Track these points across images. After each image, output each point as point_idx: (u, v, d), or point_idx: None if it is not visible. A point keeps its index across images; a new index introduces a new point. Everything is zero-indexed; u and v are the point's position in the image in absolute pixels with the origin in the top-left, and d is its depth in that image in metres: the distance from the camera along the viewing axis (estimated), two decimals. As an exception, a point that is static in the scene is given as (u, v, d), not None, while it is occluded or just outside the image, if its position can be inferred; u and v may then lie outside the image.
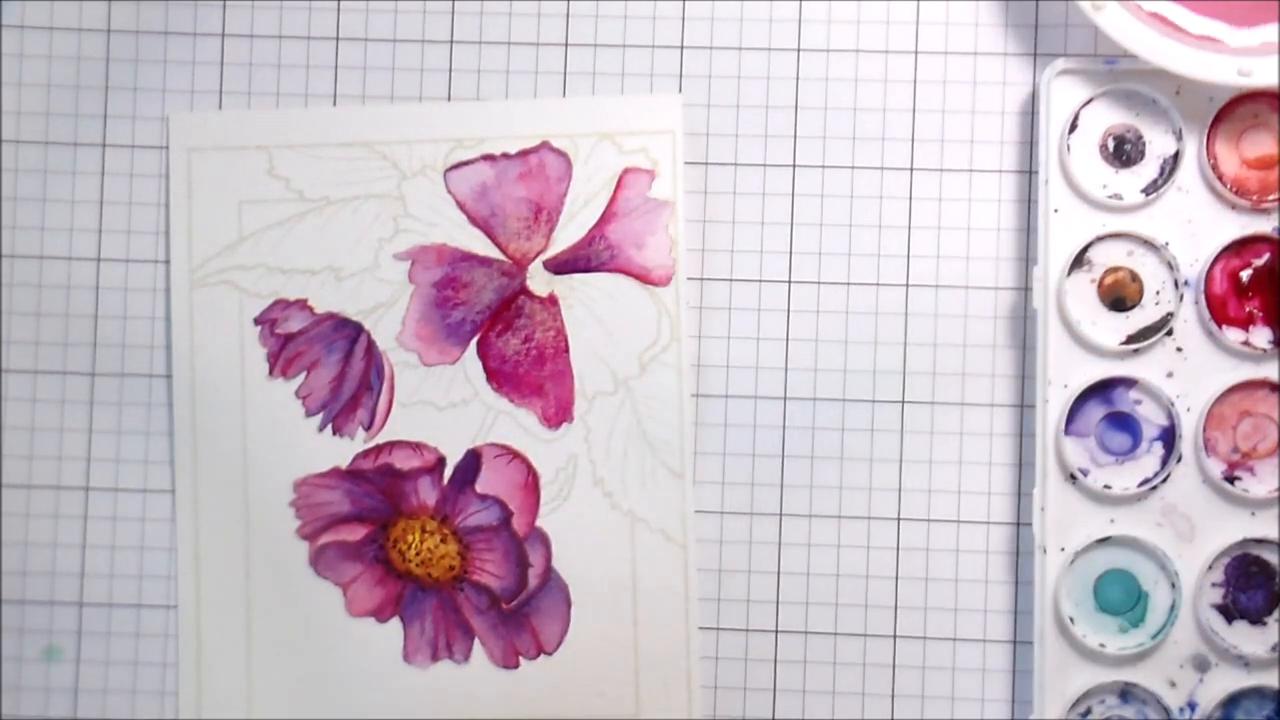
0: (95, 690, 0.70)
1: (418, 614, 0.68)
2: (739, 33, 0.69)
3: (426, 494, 0.68)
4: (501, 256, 0.68)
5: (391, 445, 0.69)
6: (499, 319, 0.68)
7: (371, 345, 0.69)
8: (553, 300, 0.68)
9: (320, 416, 0.69)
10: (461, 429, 0.69)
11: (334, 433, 0.69)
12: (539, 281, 0.68)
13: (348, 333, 0.69)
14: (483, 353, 0.68)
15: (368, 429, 0.69)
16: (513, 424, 0.68)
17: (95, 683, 0.70)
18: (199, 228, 0.69)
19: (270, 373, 0.69)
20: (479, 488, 0.68)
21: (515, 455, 0.68)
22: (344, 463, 0.69)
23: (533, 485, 0.68)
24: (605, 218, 0.68)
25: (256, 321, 0.69)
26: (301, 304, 0.69)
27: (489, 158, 0.69)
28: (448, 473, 0.69)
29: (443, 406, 0.68)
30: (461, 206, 0.68)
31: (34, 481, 0.70)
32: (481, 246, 0.68)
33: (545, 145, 0.68)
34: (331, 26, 0.70)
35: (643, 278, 0.68)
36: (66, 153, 0.70)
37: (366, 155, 0.69)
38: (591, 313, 0.68)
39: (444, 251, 0.68)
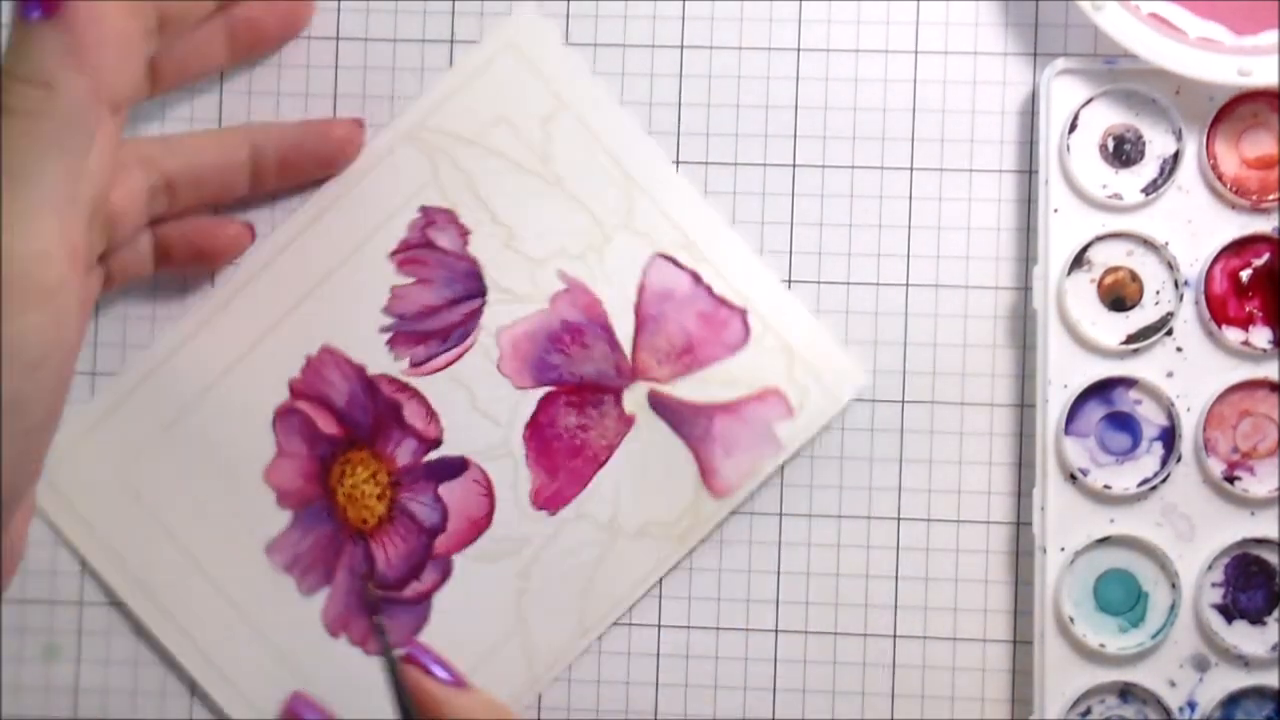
0: (95, 690, 0.70)
1: (308, 526, 0.69)
2: (739, 33, 0.69)
3: (404, 451, 0.69)
4: (628, 355, 0.68)
5: (415, 392, 0.69)
6: (581, 393, 0.68)
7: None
8: (627, 422, 0.68)
9: (397, 324, 0.69)
10: (473, 436, 0.69)
11: (390, 345, 0.69)
12: (633, 398, 0.68)
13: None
14: (544, 401, 0.68)
15: (415, 364, 0.69)
16: (512, 475, 0.68)
17: (95, 683, 0.70)
18: None
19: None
20: (442, 489, 0.69)
21: (490, 497, 0.69)
22: (373, 369, 0.69)
23: (479, 529, 0.68)
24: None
25: None
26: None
27: (696, 277, 0.68)
28: (432, 454, 0.69)
29: (480, 409, 0.68)
30: (640, 289, 0.68)
31: (34, 481, 0.70)
32: (625, 332, 0.68)
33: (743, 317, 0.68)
34: (331, 26, 0.70)
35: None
36: (66, 152, 0.70)
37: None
38: (645, 460, 0.68)
39: (595, 306, 0.69)
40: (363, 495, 0.69)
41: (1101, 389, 0.66)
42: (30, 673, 0.70)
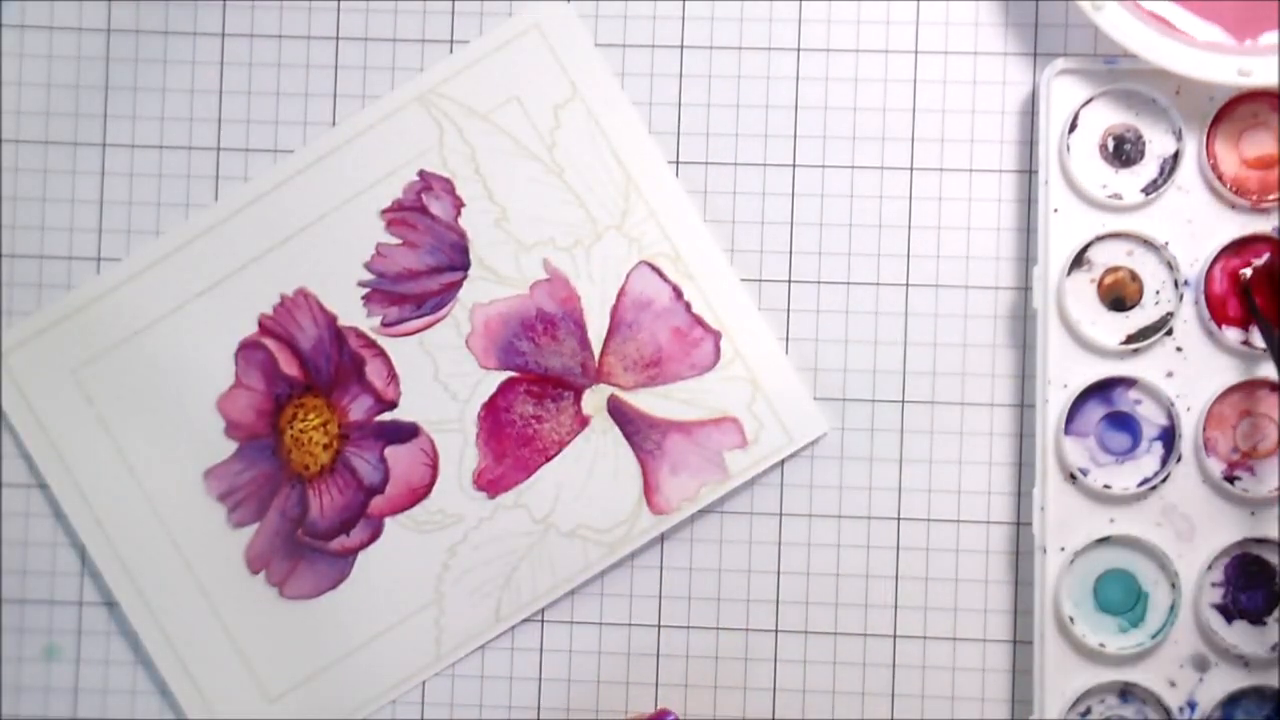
0: (95, 690, 0.70)
1: (250, 460, 0.70)
2: (739, 33, 0.69)
3: (358, 406, 0.69)
4: (596, 356, 0.68)
5: (381, 352, 0.69)
6: (542, 384, 0.69)
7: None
8: (583, 422, 0.68)
9: (376, 281, 0.69)
10: (429, 405, 0.69)
11: (365, 301, 0.69)
12: (593, 399, 0.68)
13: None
14: (505, 385, 0.69)
15: (386, 324, 0.69)
16: (459, 451, 0.69)
17: (95, 683, 0.70)
18: None
19: None
20: (388, 450, 0.69)
21: (434, 469, 0.69)
22: (344, 321, 0.69)
23: (417, 497, 0.69)
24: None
25: None
26: None
27: (678, 292, 0.69)
28: (386, 415, 0.69)
29: (442, 380, 0.69)
30: (621, 293, 0.69)
31: (34, 481, 0.70)
32: (597, 333, 0.69)
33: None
34: (331, 26, 0.70)
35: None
36: (66, 152, 0.70)
37: None
38: (593, 463, 0.68)
39: (573, 301, 0.69)
40: (310, 441, 0.69)
41: (1101, 389, 0.66)
42: (30, 673, 0.70)
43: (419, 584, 0.69)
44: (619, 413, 0.68)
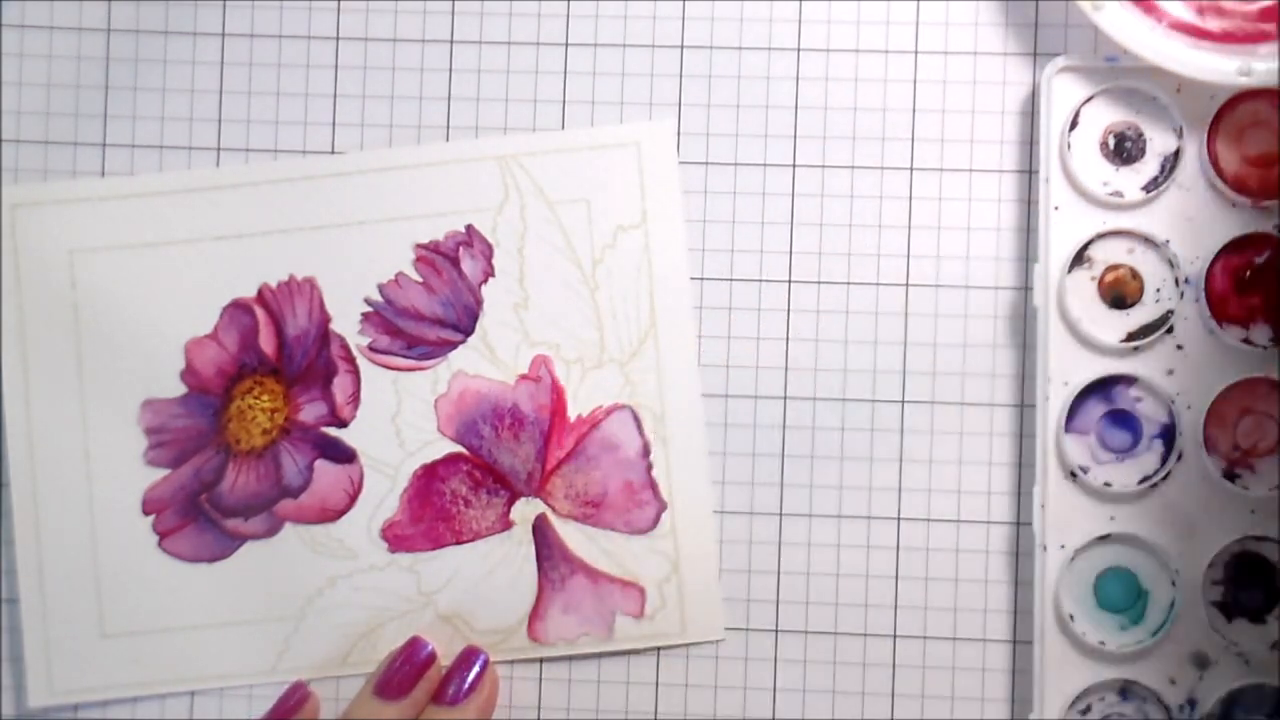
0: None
1: (191, 410, 0.69)
2: (739, 33, 0.69)
3: (311, 410, 0.69)
4: (545, 471, 0.69)
5: (356, 371, 0.69)
6: (485, 473, 0.69)
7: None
8: (505, 525, 0.69)
9: (381, 306, 0.69)
10: (375, 441, 0.69)
11: (363, 318, 0.69)
12: (523, 510, 0.69)
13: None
14: (451, 457, 0.69)
15: (372, 348, 0.69)
16: (382, 496, 0.69)
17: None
18: None
19: None
20: (319, 463, 0.69)
21: (352, 500, 0.69)
22: (336, 327, 0.69)
23: (325, 517, 0.69)
24: None
25: None
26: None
27: (646, 449, 0.69)
28: (332, 430, 0.69)
29: (398, 424, 0.69)
30: (594, 425, 0.69)
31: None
32: (556, 451, 0.69)
33: None
34: (331, 26, 0.70)
35: None
36: (66, 152, 0.70)
37: None
38: (496, 566, 0.69)
39: (547, 411, 0.69)
40: (253, 419, 0.69)
41: (1102, 386, 0.66)
42: (28, 671, 0.70)
43: (288, 596, 0.69)
44: (541, 533, 0.68)
